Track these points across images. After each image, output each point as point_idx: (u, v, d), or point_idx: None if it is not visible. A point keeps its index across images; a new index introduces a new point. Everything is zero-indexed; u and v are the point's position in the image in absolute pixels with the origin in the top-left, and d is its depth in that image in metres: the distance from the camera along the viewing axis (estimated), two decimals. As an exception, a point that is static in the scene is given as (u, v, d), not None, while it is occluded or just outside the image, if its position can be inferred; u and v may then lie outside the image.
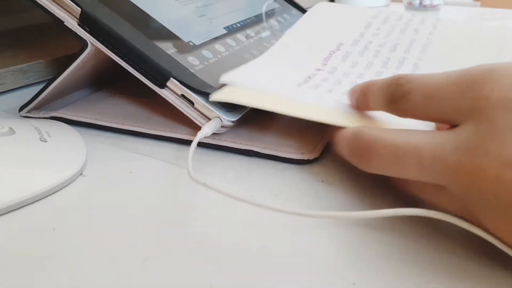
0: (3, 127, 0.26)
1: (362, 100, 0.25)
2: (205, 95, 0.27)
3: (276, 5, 0.49)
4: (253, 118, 0.30)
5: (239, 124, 0.28)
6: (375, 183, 0.25)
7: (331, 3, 0.47)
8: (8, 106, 0.33)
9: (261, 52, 0.38)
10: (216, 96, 0.27)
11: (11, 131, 0.26)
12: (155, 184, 0.25)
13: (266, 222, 0.22)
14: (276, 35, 0.43)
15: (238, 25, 0.40)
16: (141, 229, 0.21)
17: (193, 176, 0.23)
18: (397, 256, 0.19)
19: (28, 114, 0.31)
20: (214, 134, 0.27)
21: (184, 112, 0.28)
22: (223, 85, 0.28)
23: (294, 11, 0.51)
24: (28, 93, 0.32)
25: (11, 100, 0.34)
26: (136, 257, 0.19)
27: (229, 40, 0.36)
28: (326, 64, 0.34)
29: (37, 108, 0.31)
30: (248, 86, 0.28)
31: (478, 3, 0.89)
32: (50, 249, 0.19)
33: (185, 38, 0.32)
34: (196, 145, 0.25)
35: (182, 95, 0.27)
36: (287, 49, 0.36)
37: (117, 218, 0.22)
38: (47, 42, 0.41)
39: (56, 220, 0.21)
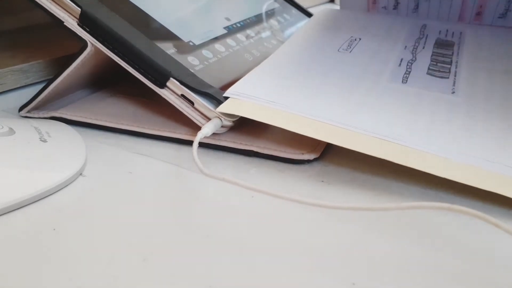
0: (3, 127, 0.26)
1: None
2: (205, 95, 0.27)
3: (276, 5, 0.49)
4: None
5: (239, 124, 0.28)
6: (376, 183, 0.25)
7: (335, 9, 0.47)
8: (8, 106, 0.33)
9: (261, 52, 0.38)
10: (224, 108, 0.27)
11: (11, 131, 0.26)
12: (155, 184, 0.25)
13: (266, 221, 0.22)
14: (276, 35, 0.43)
15: (238, 25, 0.40)
16: (140, 229, 0.21)
17: (207, 172, 0.23)
18: (398, 256, 0.19)
19: (28, 114, 0.31)
20: (214, 134, 0.27)
21: (184, 112, 0.28)
22: (227, 87, 0.28)
23: (294, 11, 0.51)
24: (28, 93, 0.32)
25: (11, 100, 0.34)
26: (135, 257, 0.19)
27: (229, 40, 0.36)
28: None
29: (37, 108, 0.31)
30: (260, 100, 0.27)
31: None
32: (50, 249, 0.19)
33: (185, 38, 0.32)
34: (197, 145, 0.25)
35: (182, 95, 0.27)
36: (295, 53, 0.35)
37: (117, 218, 0.22)
38: (47, 42, 0.41)
39: (56, 220, 0.21)
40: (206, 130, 0.26)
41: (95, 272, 0.18)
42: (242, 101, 0.27)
